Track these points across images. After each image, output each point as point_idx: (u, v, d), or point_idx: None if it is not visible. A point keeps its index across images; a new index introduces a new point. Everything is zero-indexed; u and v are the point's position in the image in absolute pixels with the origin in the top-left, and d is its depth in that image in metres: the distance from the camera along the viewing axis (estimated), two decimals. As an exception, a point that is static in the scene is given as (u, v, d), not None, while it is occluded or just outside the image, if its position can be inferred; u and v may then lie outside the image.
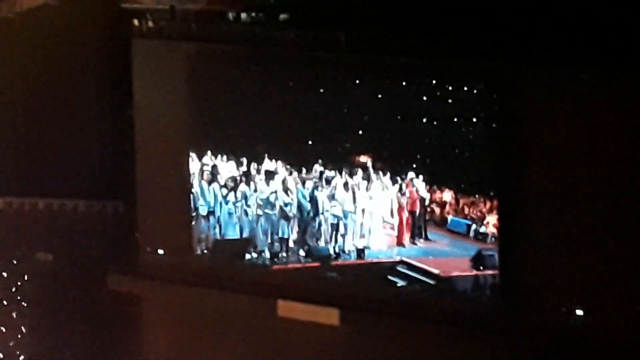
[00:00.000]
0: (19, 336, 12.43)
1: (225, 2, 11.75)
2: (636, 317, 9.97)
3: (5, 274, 12.44)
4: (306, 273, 9.00)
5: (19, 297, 12.42)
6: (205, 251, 9.27)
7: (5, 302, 12.42)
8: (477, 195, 9.23)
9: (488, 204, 9.25)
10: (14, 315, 12.41)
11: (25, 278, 12.43)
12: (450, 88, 9.03)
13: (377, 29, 10.74)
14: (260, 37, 11.50)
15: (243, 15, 11.71)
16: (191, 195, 11.67)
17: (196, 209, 10.50)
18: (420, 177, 8.91)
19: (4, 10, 12.21)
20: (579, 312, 10.23)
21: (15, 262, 12.45)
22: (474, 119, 8.97)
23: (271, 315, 11.59)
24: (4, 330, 12.42)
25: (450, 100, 9.09)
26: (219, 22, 11.80)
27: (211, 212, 8.72)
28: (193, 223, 9.93)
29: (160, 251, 12.33)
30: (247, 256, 8.88)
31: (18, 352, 12.43)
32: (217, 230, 8.93)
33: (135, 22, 12.10)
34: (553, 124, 10.10)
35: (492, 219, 9.21)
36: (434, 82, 9.17)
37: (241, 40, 11.58)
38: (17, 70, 12.50)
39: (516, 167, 10.17)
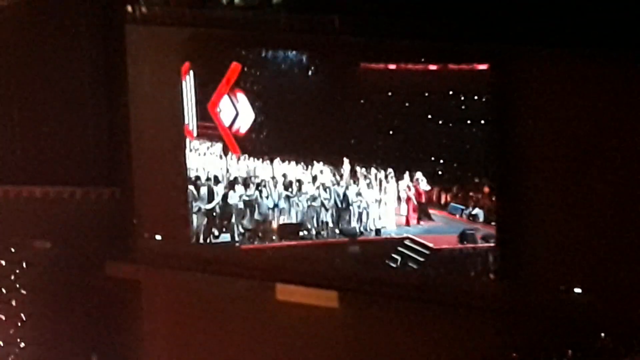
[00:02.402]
0: (19, 324, 12.43)
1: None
2: (634, 294, 10.03)
3: (3, 262, 12.43)
4: (337, 247, 11.39)
5: (17, 285, 12.41)
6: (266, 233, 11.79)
7: (4, 290, 12.41)
8: (475, 180, 10.69)
9: (482, 190, 10.67)
10: (13, 303, 12.41)
11: (24, 266, 12.43)
12: (451, 92, 10.54)
13: (372, 13, 10.77)
14: (253, 21, 11.51)
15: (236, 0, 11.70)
16: (190, 187, 11.97)
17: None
18: (426, 174, 10.87)
19: (-3, -1, 12.23)
20: (577, 291, 10.28)
21: (13, 250, 12.43)
22: (476, 121, 10.47)
23: (270, 299, 11.67)
24: (3, 318, 12.42)
25: (453, 103, 10.53)
26: (212, 7, 11.78)
27: (276, 205, 11.53)
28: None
29: (158, 237, 12.37)
30: (300, 234, 11.52)
31: (18, 340, 12.44)
32: (280, 217, 11.63)
33: (129, 8, 12.09)
34: (547, 113, 10.23)
35: (484, 203, 10.66)
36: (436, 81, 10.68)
37: (235, 25, 11.60)
38: (12, 59, 12.47)
39: (513, 150, 10.37)
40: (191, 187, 11.92)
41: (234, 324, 12.16)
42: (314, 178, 11.38)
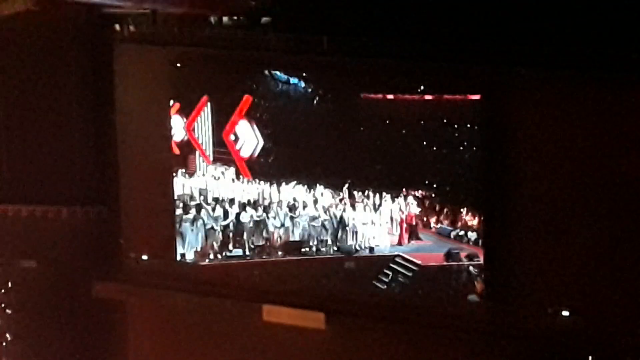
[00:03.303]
0: (4, 343, 12.39)
1: (206, 6, 11.70)
2: (622, 317, 10.08)
3: (-11, 282, 12.43)
4: (335, 263, 11.90)
5: (3, 304, 12.37)
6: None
7: (-11, 310, 12.42)
8: (465, 203, 11.14)
9: (471, 213, 11.10)
10: (-1, 322, 12.43)
11: (9, 285, 12.38)
12: (445, 121, 10.98)
13: (361, 33, 10.80)
14: (242, 41, 11.51)
15: (225, 19, 11.69)
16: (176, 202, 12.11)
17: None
18: (419, 197, 11.38)
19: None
20: (565, 313, 10.32)
21: (-2, 269, 12.43)
22: (468, 148, 10.86)
23: (256, 320, 11.65)
24: (-12, 337, 12.43)
25: (446, 131, 10.96)
26: (200, 26, 11.78)
27: (282, 225, 12.11)
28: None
29: (144, 257, 12.35)
30: (302, 250, 12.06)
31: (3, 359, 12.39)
32: (284, 235, 12.18)
33: (117, 27, 12.09)
34: (535, 140, 10.34)
35: (472, 224, 11.09)
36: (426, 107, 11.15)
37: (223, 44, 11.61)
38: (-1, 76, 12.46)
39: (502, 174, 10.49)
40: (209, 207, 12.23)
41: (220, 345, 12.16)
42: (315, 200, 11.85)
